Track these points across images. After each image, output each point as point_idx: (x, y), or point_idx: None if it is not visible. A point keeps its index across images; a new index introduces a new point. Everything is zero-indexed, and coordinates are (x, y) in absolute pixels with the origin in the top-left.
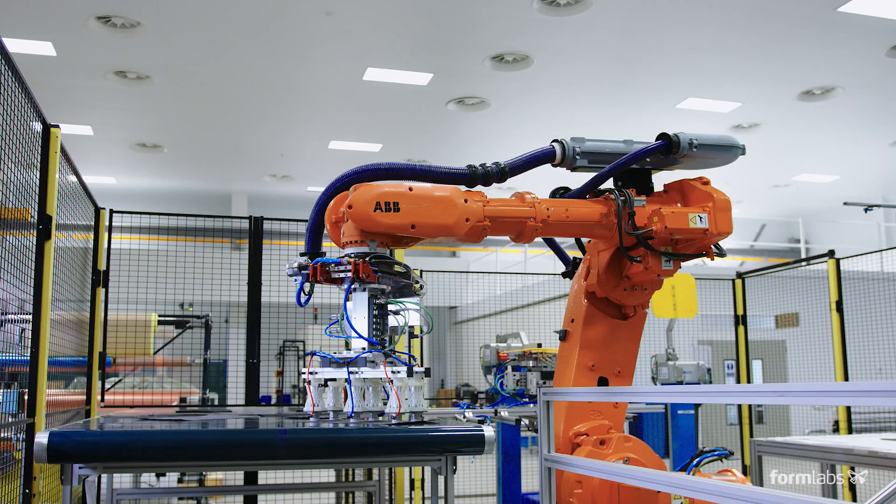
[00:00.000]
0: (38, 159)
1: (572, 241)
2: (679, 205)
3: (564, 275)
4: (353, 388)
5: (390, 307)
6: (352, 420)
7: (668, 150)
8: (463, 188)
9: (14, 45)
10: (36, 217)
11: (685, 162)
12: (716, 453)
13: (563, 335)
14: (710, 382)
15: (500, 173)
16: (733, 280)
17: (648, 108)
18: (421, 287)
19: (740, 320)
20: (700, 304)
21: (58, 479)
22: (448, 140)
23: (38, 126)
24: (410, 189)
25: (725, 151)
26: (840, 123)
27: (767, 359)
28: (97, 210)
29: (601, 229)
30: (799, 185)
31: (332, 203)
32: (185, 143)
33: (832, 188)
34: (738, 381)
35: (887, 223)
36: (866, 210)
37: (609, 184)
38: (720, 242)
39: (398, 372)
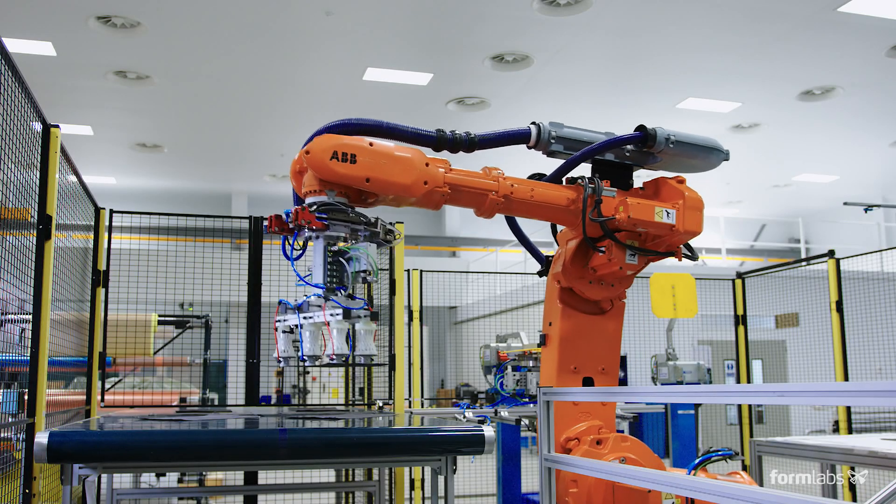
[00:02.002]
0: (38, 159)
1: (553, 243)
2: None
3: (540, 273)
4: (304, 332)
5: (349, 253)
6: (306, 363)
7: (644, 141)
8: (433, 155)
9: (14, 45)
10: (36, 217)
11: (664, 160)
12: (720, 453)
13: (543, 339)
14: (710, 382)
15: (469, 142)
16: (733, 280)
17: (648, 108)
18: (395, 237)
19: (740, 320)
20: (700, 304)
21: (58, 479)
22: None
23: (38, 126)
24: (371, 144)
25: (707, 153)
26: (840, 123)
27: (767, 359)
28: (97, 210)
29: (568, 215)
30: (799, 185)
31: (297, 155)
32: (185, 143)
33: (832, 188)
34: (738, 381)
35: (887, 223)
36: (866, 210)
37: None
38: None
39: (336, 314)
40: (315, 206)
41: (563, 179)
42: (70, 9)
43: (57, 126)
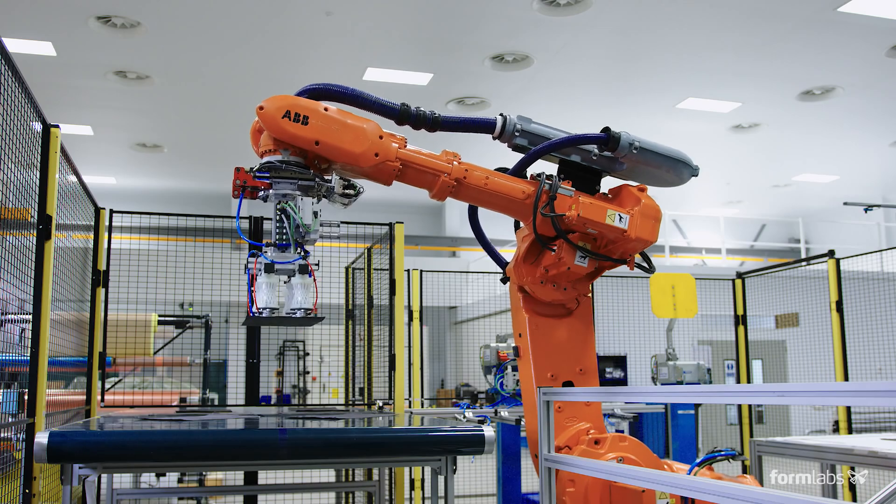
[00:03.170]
0: (38, 159)
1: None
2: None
3: (504, 281)
4: (254, 288)
5: (291, 209)
6: (263, 314)
7: (606, 143)
8: (393, 130)
9: (14, 45)
10: (36, 217)
11: (630, 167)
12: (723, 453)
13: (517, 352)
14: (710, 382)
15: (432, 121)
16: (733, 280)
17: (648, 108)
18: (357, 191)
19: (740, 320)
20: (700, 304)
21: (58, 479)
22: (448, 140)
23: (38, 126)
24: (326, 109)
25: (674, 165)
26: (840, 123)
27: (767, 359)
28: (97, 210)
29: (523, 209)
30: (799, 185)
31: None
32: (185, 143)
33: (832, 188)
34: (738, 381)
35: (887, 223)
36: (866, 210)
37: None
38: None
39: (260, 270)
40: (258, 166)
41: (528, 176)
42: (70, 9)
43: (57, 126)
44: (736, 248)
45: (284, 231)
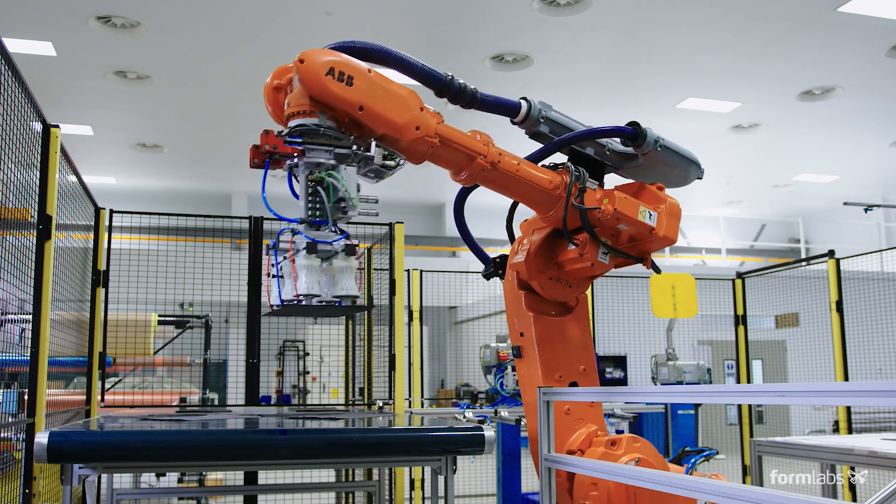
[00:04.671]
0: (38, 159)
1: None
2: None
3: (486, 276)
4: (281, 274)
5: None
6: (292, 304)
7: (634, 138)
8: (427, 108)
9: (14, 45)
10: (36, 217)
11: (644, 164)
12: (704, 454)
13: (518, 352)
14: (710, 382)
15: (471, 96)
16: (733, 280)
17: (648, 108)
18: (397, 163)
19: (740, 320)
20: (700, 304)
21: (58, 479)
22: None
23: (38, 126)
24: (370, 71)
25: (688, 166)
26: (840, 123)
27: (767, 359)
28: (97, 210)
29: (547, 200)
30: (799, 185)
31: (275, 70)
32: (185, 143)
33: (832, 188)
34: (738, 381)
35: (887, 223)
36: (866, 210)
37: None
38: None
39: (298, 251)
40: (288, 130)
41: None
42: (70, 9)
43: (57, 126)
44: (736, 248)
45: (319, 205)
